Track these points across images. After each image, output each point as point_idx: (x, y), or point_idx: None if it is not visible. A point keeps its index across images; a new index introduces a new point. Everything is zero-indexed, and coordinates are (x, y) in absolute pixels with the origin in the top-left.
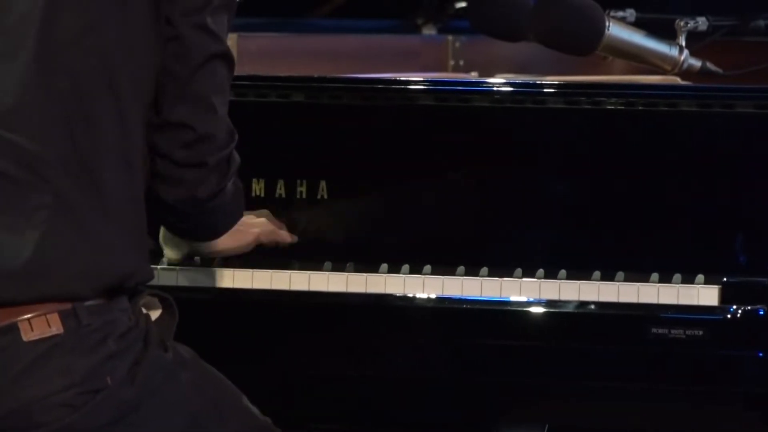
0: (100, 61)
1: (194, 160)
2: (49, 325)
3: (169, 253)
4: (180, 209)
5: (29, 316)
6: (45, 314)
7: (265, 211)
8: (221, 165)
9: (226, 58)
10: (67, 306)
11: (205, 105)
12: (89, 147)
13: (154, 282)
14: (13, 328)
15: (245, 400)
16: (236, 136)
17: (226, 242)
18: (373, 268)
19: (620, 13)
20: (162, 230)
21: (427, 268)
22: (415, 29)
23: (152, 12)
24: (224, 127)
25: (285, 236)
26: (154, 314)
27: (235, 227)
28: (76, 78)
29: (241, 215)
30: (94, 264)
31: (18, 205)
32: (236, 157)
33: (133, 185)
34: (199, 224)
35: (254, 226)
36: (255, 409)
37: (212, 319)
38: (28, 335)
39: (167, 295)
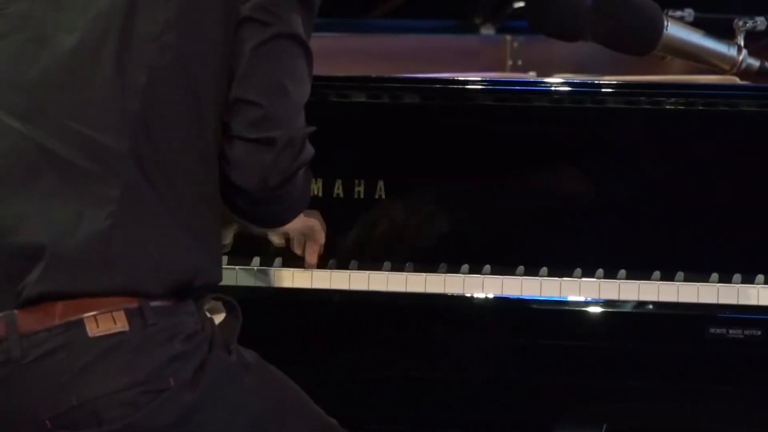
0: (177, 58)
1: (262, 135)
2: (115, 322)
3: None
4: (250, 194)
5: (95, 312)
6: (111, 311)
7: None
8: (293, 145)
9: (300, 43)
10: (134, 304)
11: (273, 84)
12: (164, 143)
13: None
14: (79, 324)
15: (310, 402)
16: (311, 128)
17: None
18: (432, 268)
19: (679, 13)
20: None
21: (487, 267)
22: (473, 29)
23: (225, 7)
24: (297, 113)
25: (322, 237)
26: (218, 318)
27: None
28: (153, 73)
29: (306, 206)
30: (160, 259)
31: (86, 197)
32: (309, 146)
33: (208, 184)
34: (266, 211)
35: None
36: (320, 411)
37: (270, 319)
38: (93, 331)
39: (231, 299)
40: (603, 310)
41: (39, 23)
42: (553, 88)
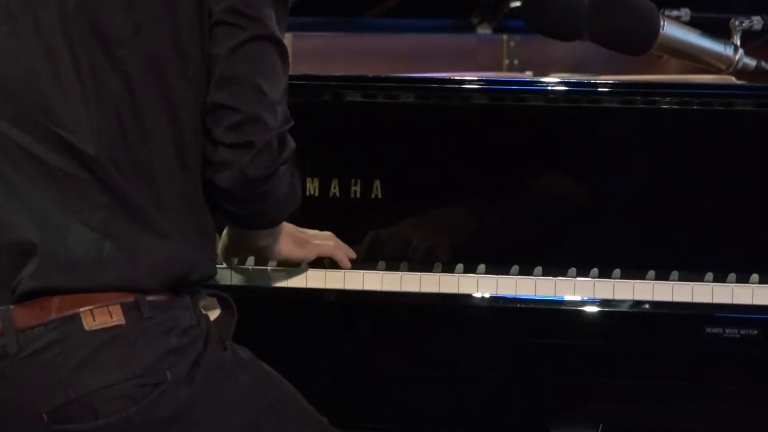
0: (150, 62)
1: (241, 140)
2: (111, 316)
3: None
4: (234, 194)
5: (91, 306)
6: (107, 305)
7: (329, 233)
8: (271, 146)
9: (273, 41)
10: (130, 298)
11: (249, 86)
12: (141, 146)
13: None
14: (75, 318)
15: (303, 401)
16: (291, 122)
17: (292, 249)
18: (426, 268)
19: (675, 12)
20: (221, 245)
21: (481, 267)
22: (470, 29)
23: (197, 10)
24: (275, 110)
25: (344, 260)
26: (213, 314)
27: (303, 236)
28: (127, 78)
29: (296, 206)
30: (153, 259)
31: (78, 202)
32: (290, 141)
33: (188, 182)
34: (253, 210)
35: (318, 238)
36: (312, 410)
37: (265, 318)
38: (89, 325)
39: (226, 295)
40: (598, 309)
41: (18, 17)
42: (549, 88)
